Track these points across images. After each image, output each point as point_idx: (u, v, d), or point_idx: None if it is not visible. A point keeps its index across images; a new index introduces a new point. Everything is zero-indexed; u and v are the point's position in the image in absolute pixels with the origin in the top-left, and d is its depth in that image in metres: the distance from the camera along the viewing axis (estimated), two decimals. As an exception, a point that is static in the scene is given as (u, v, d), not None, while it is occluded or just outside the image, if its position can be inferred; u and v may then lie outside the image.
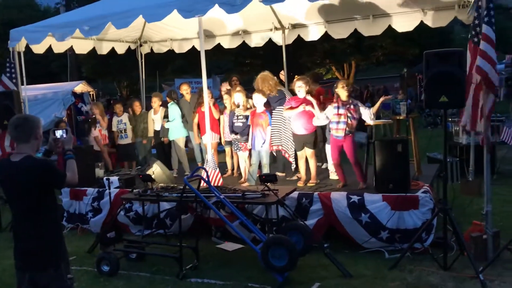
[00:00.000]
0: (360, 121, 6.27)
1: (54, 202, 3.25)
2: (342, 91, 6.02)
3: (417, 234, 5.06)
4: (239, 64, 23.00)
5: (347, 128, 5.99)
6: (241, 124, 6.88)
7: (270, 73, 7.19)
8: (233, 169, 7.75)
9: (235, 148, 7.08)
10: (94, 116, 9.13)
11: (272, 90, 6.99)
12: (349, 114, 5.98)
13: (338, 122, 6.04)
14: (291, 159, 6.99)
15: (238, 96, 6.93)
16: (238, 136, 6.86)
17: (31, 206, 3.07)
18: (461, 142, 8.93)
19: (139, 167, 8.60)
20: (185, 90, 8.09)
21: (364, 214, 5.45)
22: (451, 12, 7.42)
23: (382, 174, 5.62)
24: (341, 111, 6.00)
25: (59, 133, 3.42)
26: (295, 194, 5.80)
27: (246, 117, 6.84)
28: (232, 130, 6.97)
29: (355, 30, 8.33)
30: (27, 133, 3.14)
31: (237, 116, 6.94)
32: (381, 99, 6.25)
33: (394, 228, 5.37)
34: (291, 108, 6.44)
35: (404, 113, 6.52)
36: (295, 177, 7.00)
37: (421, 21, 7.74)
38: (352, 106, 6.02)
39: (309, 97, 6.43)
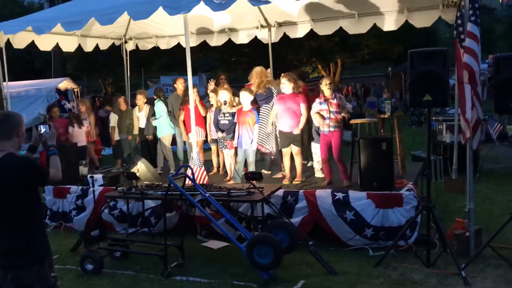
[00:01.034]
0: (345, 120, 6.32)
1: (37, 200, 3.19)
2: (325, 88, 6.14)
3: (401, 231, 5.11)
4: (226, 62, 22.99)
5: (331, 123, 6.03)
6: (227, 122, 6.87)
7: (264, 70, 7.21)
8: (218, 167, 7.73)
9: (221, 146, 7.06)
10: (77, 113, 9.04)
11: (260, 87, 6.98)
12: (331, 109, 6.04)
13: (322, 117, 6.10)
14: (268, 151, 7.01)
15: (224, 94, 6.91)
16: (224, 134, 6.84)
17: (13, 204, 3.01)
18: (444, 141, 9.03)
19: (124, 164, 8.54)
20: (180, 83, 8.06)
21: (348, 211, 5.49)
22: (436, 12, 7.47)
23: (367, 172, 5.66)
24: (324, 106, 6.07)
25: (42, 129, 3.37)
26: (280, 192, 5.81)
27: (232, 114, 6.83)
28: (218, 128, 6.95)
29: (340, 28, 8.37)
30: (9, 130, 3.07)
31: (223, 113, 6.92)
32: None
33: (379, 226, 5.42)
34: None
35: (388, 111, 6.58)
36: (280, 175, 7.01)
37: (406, 21, 7.81)
38: (334, 101, 6.07)
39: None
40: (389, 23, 7.99)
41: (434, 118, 9.57)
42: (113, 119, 8.81)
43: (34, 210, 3.12)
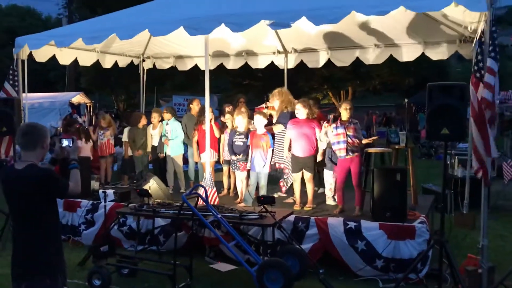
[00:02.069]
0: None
1: (55, 212, 3.21)
2: (344, 112, 6.17)
3: (412, 264, 5.05)
4: (237, 85, 23.18)
5: (348, 147, 6.05)
6: (241, 143, 6.89)
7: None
8: (229, 189, 7.73)
9: (233, 167, 7.07)
10: (86, 128, 9.14)
11: (288, 106, 7.00)
12: (348, 133, 6.06)
13: (338, 142, 6.16)
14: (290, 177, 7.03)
15: (239, 120, 6.95)
16: (239, 157, 6.86)
17: (31, 214, 3.03)
18: (456, 175, 8.99)
19: (134, 181, 8.56)
20: (196, 104, 8.14)
21: (360, 241, 5.44)
22: (452, 46, 7.59)
23: (380, 202, 5.63)
24: (340, 130, 6.11)
25: (65, 142, 3.40)
26: (291, 218, 5.78)
27: (247, 136, 6.85)
28: (232, 151, 6.96)
29: (357, 58, 8.48)
30: (34, 142, 3.12)
31: (238, 134, 6.95)
32: (369, 140, 6.40)
33: (390, 257, 5.36)
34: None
35: (403, 142, 6.58)
36: (291, 200, 7.00)
37: (422, 53, 7.90)
38: (351, 125, 6.10)
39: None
40: (406, 55, 8.11)
41: (452, 152, 9.57)
42: (126, 134, 8.88)
43: (52, 222, 3.15)
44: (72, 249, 6.57)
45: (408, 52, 8.05)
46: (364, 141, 6.27)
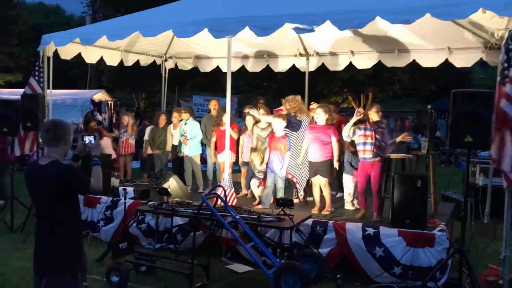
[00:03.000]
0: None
1: (77, 208, 3.25)
2: (374, 114, 6.13)
3: (431, 272, 5.00)
4: (256, 86, 23.19)
5: (374, 150, 6.00)
6: (261, 177, 6.98)
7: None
8: (247, 190, 7.74)
9: (254, 172, 7.11)
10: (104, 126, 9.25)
11: (299, 114, 6.99)
12: (377, 136, 6.01)
13: (364, 143, 6.10)
14: (300, 190, 7.06)
15: (255, 158, 7.05)
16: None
17: (54, 209, 3.08)
18: (477, 183, 8.85)
19: (154, 179, 8.64)
20: (213, 105, 8.18)
21: (378, 247, 5.39)
22: (477, 53, 7.48)
23: (399, 209, 5.57)
24: (368, 132, 6.06)
25: (87, 139, 3.46)
26: (309, 221, 5.76)
27: (265, 175, 6.89)
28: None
29: (379, 61, 8.43)
30: (57, 138, 3.16)
31: (257, 171, 7.09)
32: (402, 136, 6.27)
33: (408, 265, 5.30)
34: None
35: (425, 149, 6.51)
36: (311, 198, 7.00)
37: (446, 59, 7.80)
38: (380, 129, 6.07)
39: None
40: (429, 60, 8.04)
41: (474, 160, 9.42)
42: (148, 133, 8.98)
43: (73, 218, 3.19)
44: (91, 245, 6.64)
45: (431, 58, 7.97)
46: (398, 139, 6.17)
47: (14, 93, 15.46)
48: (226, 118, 6.72)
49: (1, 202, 8.35)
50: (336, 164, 6.53)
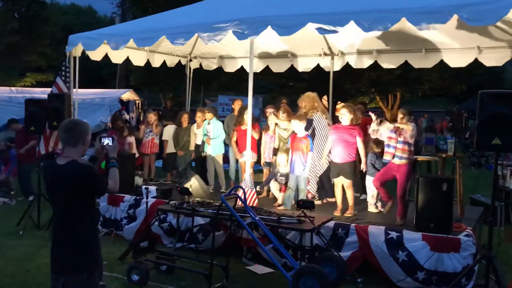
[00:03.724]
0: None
1: (93, 208, 3.26)
2: (400, 121, 6.05)
3: (456, 278, 4.84)
4: (282, 86, 23.10)
5: (397, 153, 5.90)
6: (283, 178, 6.89)
7: (317, 97, 7.20)
8: (268, 190, 7.69)
9: (276, 175, 7.05)
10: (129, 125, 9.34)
11: (309, 113, 6.92)
12: (399, 139, 5.89)
13: (388, 146, 6.07)
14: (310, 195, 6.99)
15: (281, 159, 6.97)
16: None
17: (71, 209, 3.09)
18: (508, 186, 8.56)
19: (176, 179, 8.70)
20: (238, 105, 8.17)
21: (401, 251, 5.26)
22: (508, 52, 7.23)
23: (424, 212, 5.43)
24: (393, 135, 5.97)
25: (105, 141, 3.45)
26: (331, 224, 5.68)
27: (287, 176, 6.80)
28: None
29: (405, 61, 8.25)
30: (76, 138, 3.17)
31: (280, 175, 6.97)
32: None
33: (432, 270, 5.16)
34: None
35: (451, 151, 6.33)
36: (332, 199, 6.96)
37: (475, 59, 7.58)
38: (403, 131, 5.95)
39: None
40: (457, 60, 7.82)
41: (504, 162, 9.14)
42: (166, 132, 9.03)
43: (89, 218, 3.19)
44: (114, 243, 6.73)
45: (460, 57, 7.74)
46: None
47: (45, 92, 15.80)
48: (248, 118, 6.68)
49: (31, 198, 8.57)
50: (363, 166, 6.43)
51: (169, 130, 9.15)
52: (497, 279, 4.71)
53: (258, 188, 7.03)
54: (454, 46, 7.61)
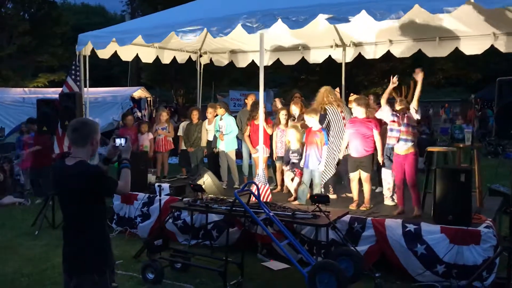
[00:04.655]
0: (420, 146, 6.03)
1: (103, 209, 3.20)
2: (397, 106, 6.01)
3: (477, 271, 4.72)
4: (295, 79, 22.96)
5: (401, 136, 5.81)
6: (296, 161, 6.79)
7: (329, 90, 7.10)
8: (282, 185, 7.62)
9: (288, 167, 6.96)
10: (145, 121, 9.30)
11: (320, 108, 6.83)
12: (402, 122, 5.84)
13: (391, 130, 5.99)
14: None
15: (291, 134, 6.86)
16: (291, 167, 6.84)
17: (80, 210, 3.05)
18: (527, 176, 8.36)
19: (190, 175, 8.66)
20: (251, 100, 8.10)
21: (420, 245, 5.15)
22: (527, 37, 7.03)
23: (442, 204, 5.30)
24: (395, 118, 5.93)
25: (118, 141, 3.38)
26: (347, 218, 5.59)
27: (301, 153, 6.71)
28: (288, 163, 6.91)
29: (419, 50, 8.09)
30: (84, 138, 3.11)
31: (291, 152, 6.85)
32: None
33: (452, 263, 5.04)
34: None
35: (468, 141, 6.18)
36: (344, 195, 6.88)
37: (491, 45, 7.38)
38: (405, 115, 5.88)
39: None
40: (473, 48, 7.63)
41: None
42: (181, 129, 9.00)
43: (99, 218, 3.14)
44: (128, 241, 6.73)
45: (475, 44, 7.55)
46: None
47: (58, 92, 15.88)
48: (260, 112, 6.60)
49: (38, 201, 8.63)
50: (380, 159, 6.33)
51: (184, 127, 9.12)
52: (520, 272, 4.58)
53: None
54: (469, 33, 7.43)
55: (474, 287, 4.82)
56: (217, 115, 8.23)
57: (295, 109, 6.99)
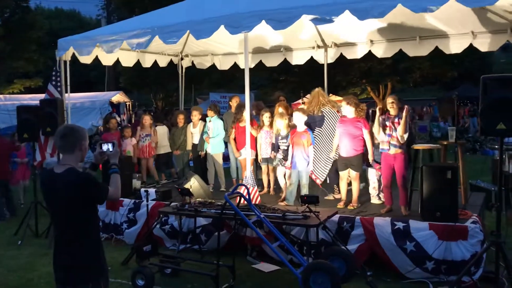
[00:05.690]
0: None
1: (95, 217, 3.14)
2: (390, 108, 5.96)
3: (467, 266, 4.80)
4: (274, 81, 23.04)
5: (391, 141, 5.84)
6: (285, 148, 6.77)
7: (321, 91, 7.14)
8: (269, 187, 7.62)
9: (277, 162, 6.95)
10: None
11: (316, 109, 6.87)
12: (393, 127, 5.86)
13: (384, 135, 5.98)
14: (318, 181, 6.89)
15: (279, 123, 6.87)
16: (281, 157, 6.79)
17: (72, 219, 2.98)
18: (507, 171, 8.55)
19: (175, 179, 8.60)
20: (236, 102, 8.07)
21: (409, 242, 5.21)
22: (503, 36, 7.20)
23: (429, 201, 5.38)
24: (388, 123, 5.92)
25: (105, 147, 3.32)
26: (336, 217, 5.61)
27: (287, 137, 6.72)
28: (278, 151, 6.88)
29: (400, 50, 8.19)
30: (72, 144, 3.04)
31: (281, 138, 6.84)
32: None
33: (441, 259, 5.11)
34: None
35: (452, 138, 6.29)
36: (331, 197, 6.87)
37: (470, 44, 7.53)
38: (397, 120, 5.88)
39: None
40: (452, 46, 7.76)
41: (496, 146, 9.14)
42: (157, 133, 8.91)
43: (91, 226, 3.08)
44: (115, 248, 6.62)
45: (455, 43, 7.68)
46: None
47: (34, 99, 15.63)
48: (246, 115, 6.58)
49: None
50: (370, 158, 6.36)
51: (160, 131, 9.06)
52: (507, 265, 4.68)
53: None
54: (448, 32, 7.56)
55: (463, 282, 4.90)
56: (207, 116, 8.19)
57: (280, 124, 6.92)
